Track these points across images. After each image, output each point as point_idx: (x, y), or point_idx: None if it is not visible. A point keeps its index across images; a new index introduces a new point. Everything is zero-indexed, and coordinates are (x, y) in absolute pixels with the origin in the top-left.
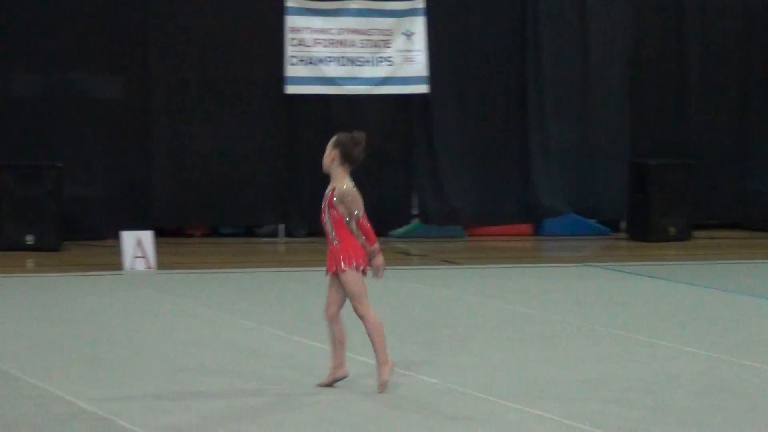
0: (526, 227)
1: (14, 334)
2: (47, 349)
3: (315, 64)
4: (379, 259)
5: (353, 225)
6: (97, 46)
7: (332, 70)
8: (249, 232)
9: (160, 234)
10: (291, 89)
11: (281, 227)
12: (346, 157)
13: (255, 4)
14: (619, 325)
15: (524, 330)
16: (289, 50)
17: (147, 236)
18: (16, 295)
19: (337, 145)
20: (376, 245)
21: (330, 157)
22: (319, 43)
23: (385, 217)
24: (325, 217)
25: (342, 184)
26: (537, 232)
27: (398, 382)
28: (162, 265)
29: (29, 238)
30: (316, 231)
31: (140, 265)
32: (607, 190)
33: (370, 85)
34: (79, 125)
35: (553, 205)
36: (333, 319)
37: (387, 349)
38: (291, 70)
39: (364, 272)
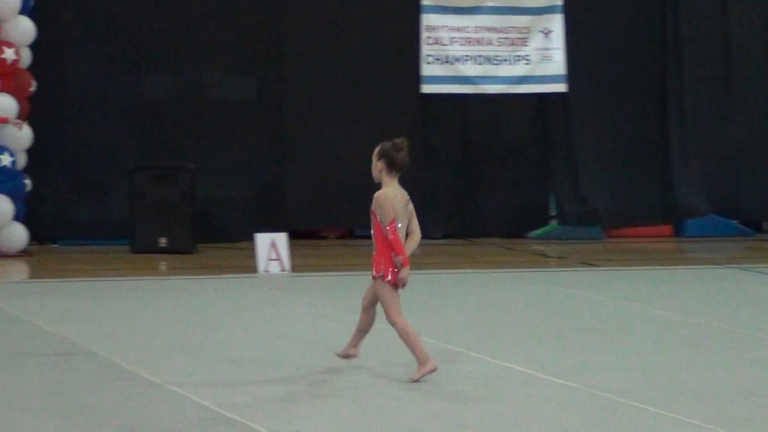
0: (666, 228)
1: (150, 338)
2: (183, 352)
3: (451, 62)
4: (403, 272)
5: (389, 232)
6: (230, 45)
7: (469, 69)
8: None
9: (295, 236)
10: (427, 88)
11: None
12: (391, 166)
13: (390, 2)
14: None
15: (666, 333)
16: (425, 49)
17: (281, 238)
18: (150, 298)
19: (381, 155)
20: (400, 257)
21: (377, 168)
22: (456, 41)
23: (522, 218)
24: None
25: (382, 191)
26: (677, 233)
27: (535, 384)
28: (296, 267)
29: (162, 241)
30: (452, 233)
31: (274, 268)
32: (749, 191)
33: (508, 84)
34: (212, 126)
35: (694, 205)
36: (364, 309)
37: (424, 349)
38: (427, 69)
39: (395, 284)
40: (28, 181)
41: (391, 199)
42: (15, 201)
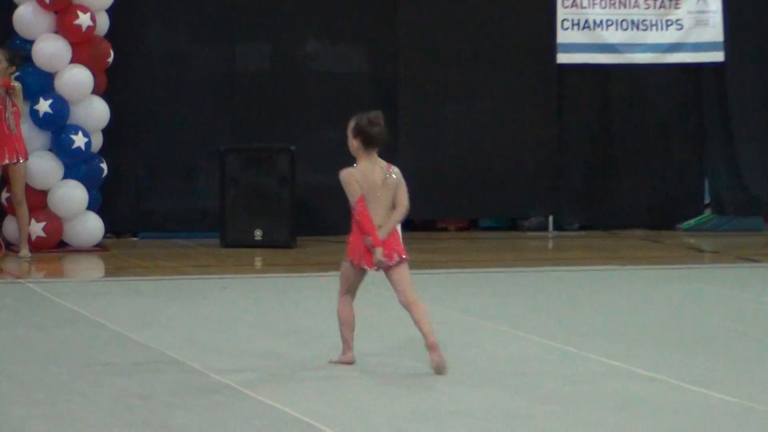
0: None
1: (243, 345)
2: (278, 363)
3: (591, 28)
4: (376, 254)
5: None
6: (336, 11)
7: (611, 35)
8: (512, 226)
9: (409, 228)
10: (563, 58)
11: (550, 219)
12: (368, 143)
13: None
14: None
15: None
16: (561, 12)
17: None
18: (243, 299)
19: (357, 132)
20: (369, 238)
21: (353, 147)
22: (597, 3)
23: (672, 207)
24: None
25: (347, 169)
26: None
27: (685, 399)
28: (411, 263)
29: (258, 233)
30: (590, 223)
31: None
32: None
33: (657, 52)
34: (314, 103)
35: None
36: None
37: (352, 342)
38: (563, 36)
39: (361, 267)
40: (104, 165)
41: (357, 176)
42: (89, 188)
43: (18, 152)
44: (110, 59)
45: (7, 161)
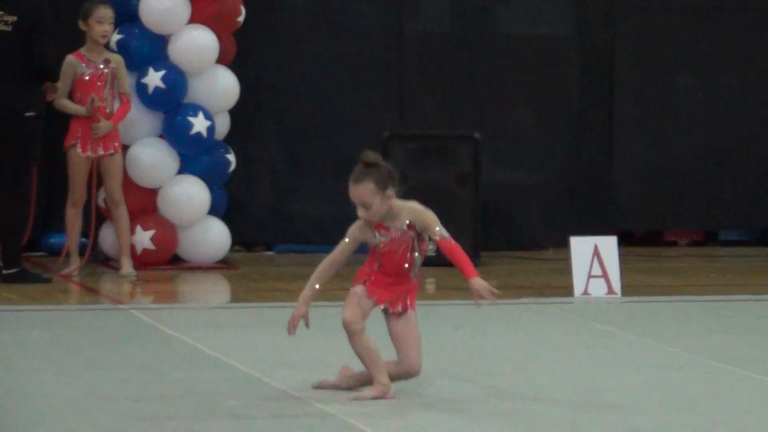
0: None
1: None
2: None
3: None
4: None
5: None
6: None
7: None
8: (764, 239)
9: (629, 242)
10: None
11: None
12: (393, 186)
13: None
14: None
15: None
16: None
17: (609, 245)
18: None
19: (377, 187)
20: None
21: (381, 206)
22: None
23: None
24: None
25: (409, 210)
26: None
27: None
28: (631, 288)
29: (430, 247)
30: None
31: (598, 290)
32: None
33: None
34: (505, 75)
35: None
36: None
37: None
38: None
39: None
40: (231, 157)
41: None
42: (212, 186)
43: (113, 141)
44: (240, 18)
45: (101, 152)
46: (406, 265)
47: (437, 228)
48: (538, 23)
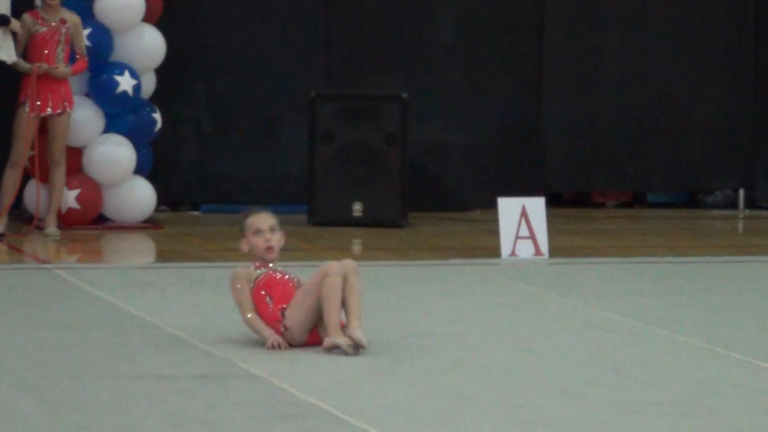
0: None
1: (336, 363)
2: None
3: None
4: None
5: None
6: None
7: None
8: (691, 201)
9: (556, 203)
10: None
11: (741, 193)
12: None
13: None
14: None
15: None
16: None
17: (536, 206)
18: None
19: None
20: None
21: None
22: None
23: None
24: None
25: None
26: None
27: None
28: (558, 249)
29: (357, 208)
30: None
31: (525, 251)
32: None
33: None
34: (434, 37)
35: None
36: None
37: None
38: None
39: None
40: (157, 116)
41: None
42: (138, 146)
43: (64, 100)
44: None
45: (49, 111)
46: None
47: None
48: None
